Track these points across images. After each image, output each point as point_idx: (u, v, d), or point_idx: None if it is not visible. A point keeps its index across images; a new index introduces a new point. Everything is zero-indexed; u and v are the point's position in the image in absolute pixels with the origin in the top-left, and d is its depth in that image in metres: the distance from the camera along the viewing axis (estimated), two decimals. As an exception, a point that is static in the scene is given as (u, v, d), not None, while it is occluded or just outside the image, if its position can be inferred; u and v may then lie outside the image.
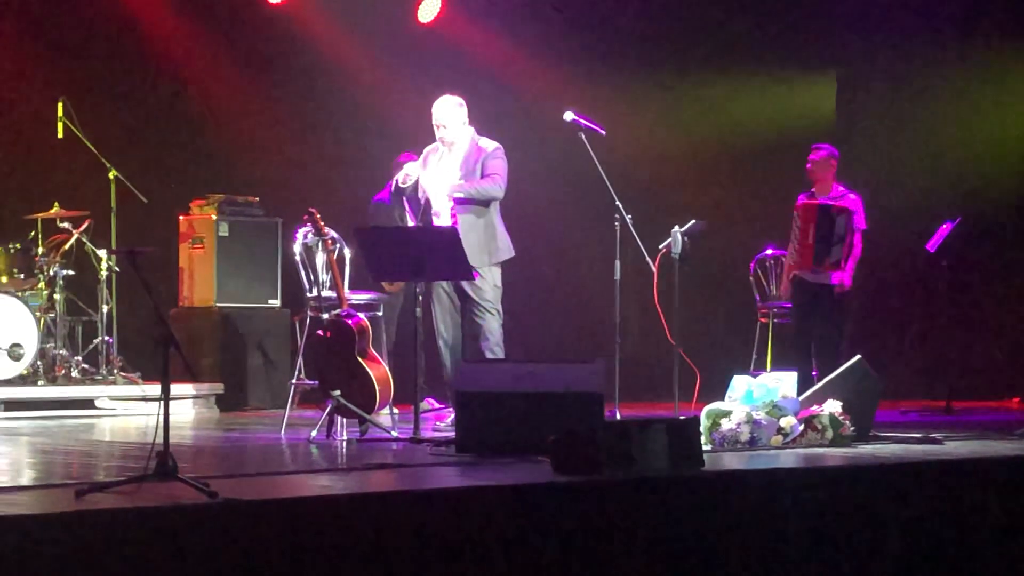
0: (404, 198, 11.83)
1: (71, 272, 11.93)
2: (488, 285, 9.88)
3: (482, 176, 9.92)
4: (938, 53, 14.51)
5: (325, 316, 9.51)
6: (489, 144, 10.06)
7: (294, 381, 10.12)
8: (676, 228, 10.06)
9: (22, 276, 11.79)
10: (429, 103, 10.19)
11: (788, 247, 11.54)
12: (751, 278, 12.68)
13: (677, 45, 14.80)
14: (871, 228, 11.53)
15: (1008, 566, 7.45)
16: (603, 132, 10.09)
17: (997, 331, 14.24)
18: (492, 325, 9.87)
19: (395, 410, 9.72)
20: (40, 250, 11.83)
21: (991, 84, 14.57)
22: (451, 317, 9.96)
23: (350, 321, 9.23)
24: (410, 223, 11.24)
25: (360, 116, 14.09)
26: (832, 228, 11.23)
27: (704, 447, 7.56)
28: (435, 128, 10.05)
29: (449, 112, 10.05)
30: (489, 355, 9.74)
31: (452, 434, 8.46)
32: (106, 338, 11.96)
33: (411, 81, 14.08)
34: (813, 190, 11.43)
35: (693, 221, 10.19)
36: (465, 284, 9.80)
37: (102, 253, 11.88)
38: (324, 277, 9.99)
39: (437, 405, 11.59)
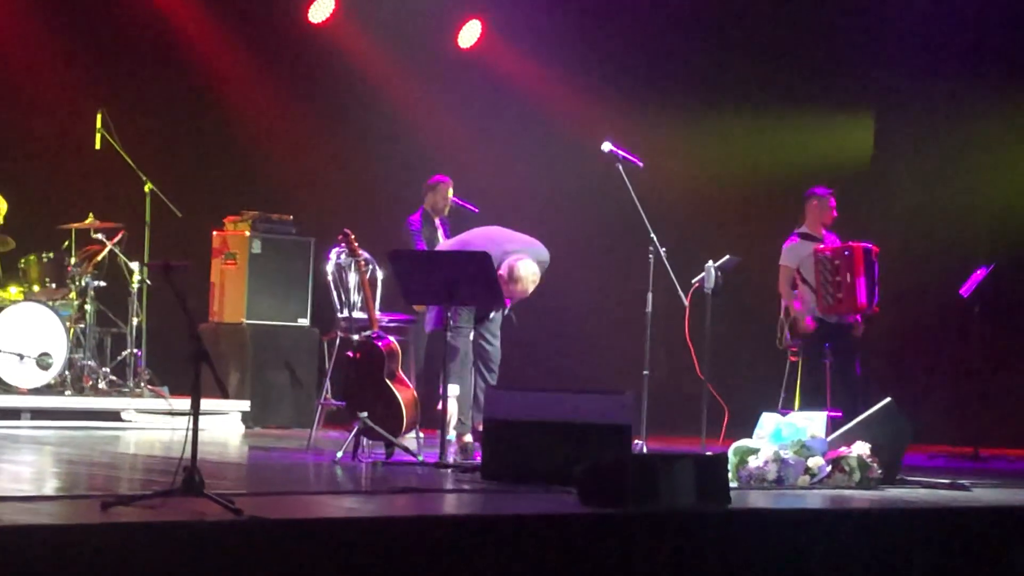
0: (438, 220, 11.87)
1: (103, 283, 11.96)
2: (499, 313, 9.90)
3: None
4: (977, 96, 14.47)
5: (355, 337, 9.51)
6: None
7: (321, 401, 10.11)
8: (710, 263, 10.04)
9: (54, 285, 11.82)
10: (466, 127, 10.19)
11: (797, 290, 11.47)
12: (781, 316, 12.62)
13: (717, 81, 14.81)
14: (905, 270, 11.49)
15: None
16: (640, 164, 10.08)
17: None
18: (498, 352, 9.91)
19: (421, 434, 9.70)
20: (73, 260, 11.86)
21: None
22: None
23: (380, 343, 9.22)
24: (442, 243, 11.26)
25: (397, 138, 14.12)
26: (873, 269, 11.24)
27: (731, 484, 7.52)
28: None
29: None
30: (492, 382, 9.75)
31: (478, 461, 8.45)
32: (135, 351, 11.98)
33: (449, 105, 14.12)
34: (806, 230, 11.41)
35: (727, 256, 10.17)
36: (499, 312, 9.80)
37: (134, 265, 11.91)
38: (356, 298, 9.99)
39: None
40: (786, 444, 8.36)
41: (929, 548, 7.21)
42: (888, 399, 9.02)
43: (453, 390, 9.44)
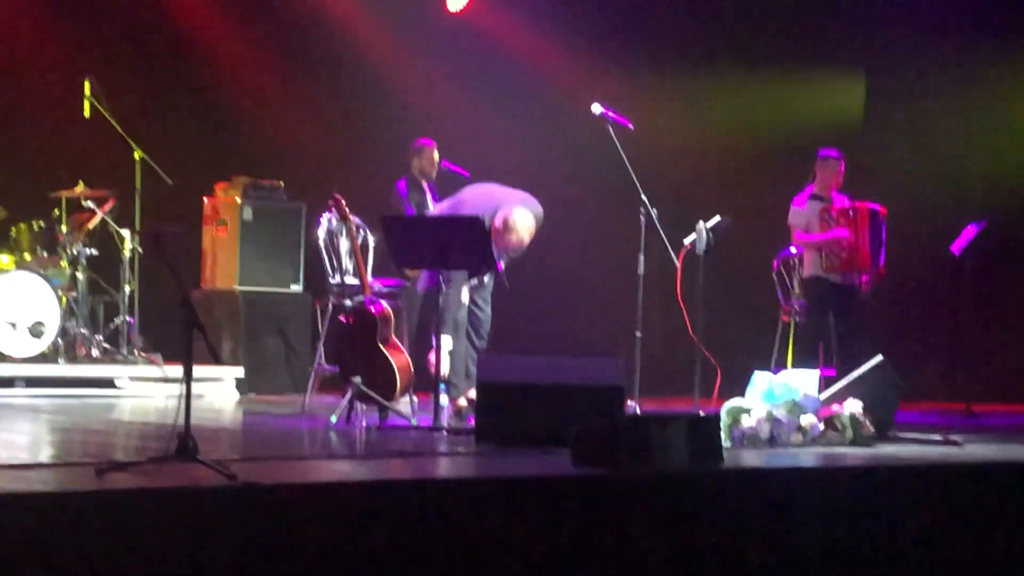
0: (426, 184, 11.88)
1: (94, 251, 11.94)
2: (491, 278, 9.89)
3: None
4: (968, 53, 14.46)
5: (348, 302, 9.51)
6: None
7: (315, 366, 10.12)
8: (701, 224, 10.04)
9: (45, 254, 11.80)
10: (456, 91, 10.16)
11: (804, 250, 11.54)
12: (774, 275, 12.65)
13: (707, 42, 14.77)
14: (897, 228, 11.51)
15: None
16: (631, 126, 10.07)
17: (1019, 334, 14.19)
18: (489, 318, 9.91)
19: (415, 398, 9.72)
20: (64, 229, 11.84)
21: (1019, 87, 14.52)
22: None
23: (373, 308, 9.23)
24: (431, 207, 11.26)
25: (388, 103, 14.08)
26: (880, 230, 11.31)
27: (724, 444, 7.54)
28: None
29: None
30: (482, 347, 9.76)
31: (472, 424, 8.47)
32: (127, 318, 11.98)
33: (439, 69, 14.08)
34: (816, 191, 11.45)
35: (719, 217, 10.18)
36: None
37: (125, 233, 11.89)
38: (348, 263, 9.99)
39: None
40: (779, 403, 8.39)
41: (922, 504, 7.24)
42: (880, 356, 9.05)
43: (446, 343, 9.38)
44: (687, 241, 10.04)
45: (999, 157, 14.41)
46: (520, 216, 9.63)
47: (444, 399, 9.21)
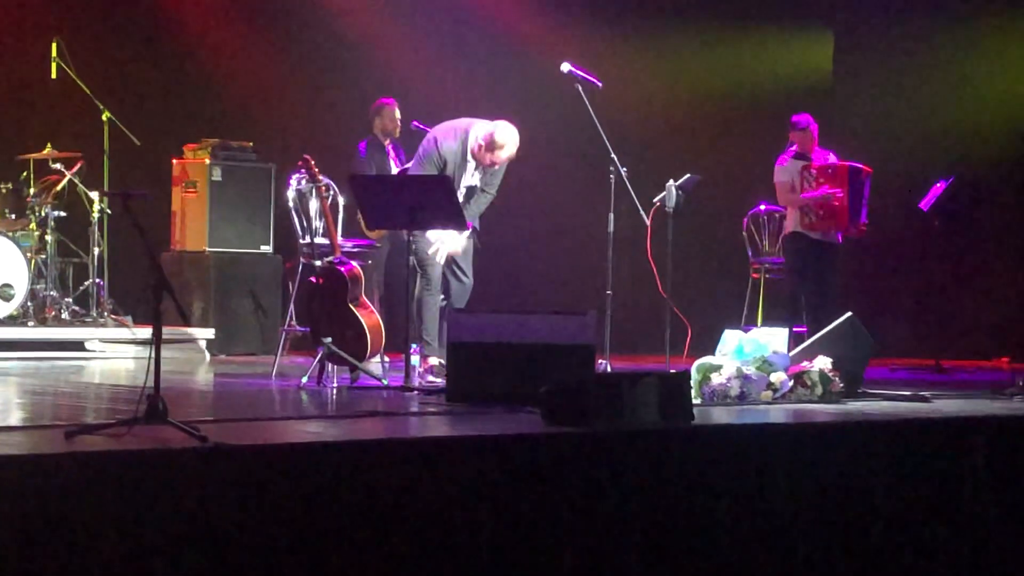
0: (389, 144, 11.86)
1: (63, 213, 11.90)
2: (470, 241, 9.85)
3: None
4: (935, 11, 14.48)
5: (318, 263, 9.49)
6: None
7: (285, 327, 10.11)
8: (671, 182, 10.06)
9: (13, 216, 11.75)
10: (425, 50, 10.12)
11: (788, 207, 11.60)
12: (744, 233, 12.68)
13: (676, 0, 14.77)
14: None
15: (993, 523, 7.47)
16: (600, 84, 10.05)
17: (988, 290, 14.26)
18: (469, 290, 9.88)
19: (386, 358, 9.71)
20: (32, 191, 11.80)
21: (987, 44, 14.55)
22: None
23: (343, 268, 9.21)
24: (393, 168, 11.25)
25: (356, 64, 14.04)
26: (862, 189, 11.36)
27: (694, 401, 7.57)
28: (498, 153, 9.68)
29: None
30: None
31: (443, 383, 8.47)
32: (97, 280, 11.94)
33: (407, 29, 14.03)
34: (799, 149, 11.48)
35: (688, 175, 10.19)
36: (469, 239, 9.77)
37: (94, 195, 11.85)
38: (317, 224, 9.97)
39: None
40: (748, 360, 8.41)
41: (891, 460, 7.28)
42: (849, 313, 9.08)
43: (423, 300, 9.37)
44: (657, 199, 10.05)
45: (966, 114, 14.44)
46: (503, 131, 9.56)
47: (415, 359, 9.21)
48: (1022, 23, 14.36)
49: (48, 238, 11.79)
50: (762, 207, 12.66)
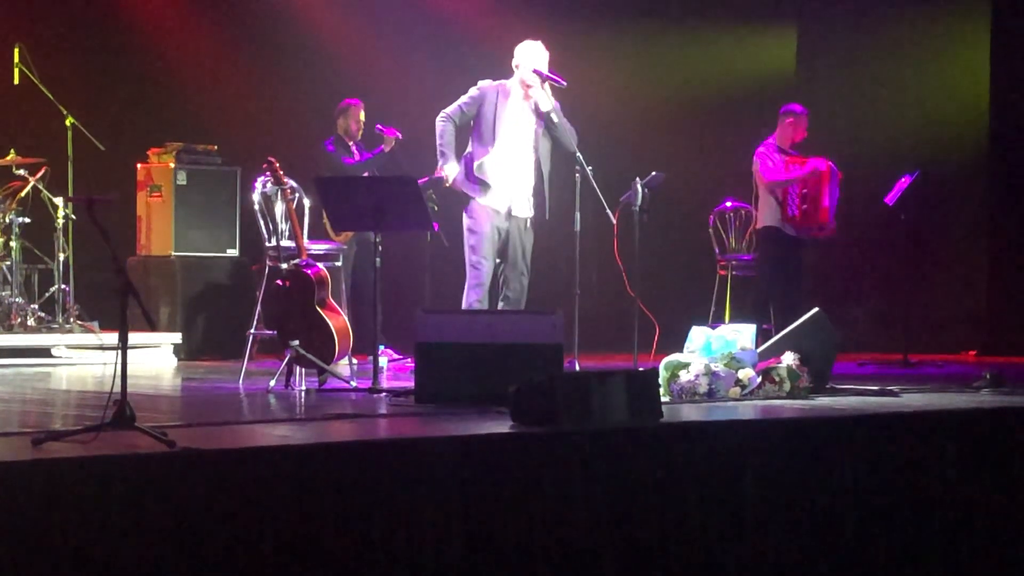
0: (353, 145, 11.90)
1: (27, 220, 11.83)
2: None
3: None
4: (898, 8, 14.53)
5: (284, 266, 9.48)
6: None
7: (252, 331, 10.09)
8: (637, 180, 10.07)
9: (-23, 224, 11.70)
10: (389, 52, 10.12)
11: (757, 199, 11.67)
12: (710, 230, 12.71)
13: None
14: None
15: (961, 516, 7.50)
16: (564, 83, 10.06)
17: (955, 284, 14.32)
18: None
19: (354, 360, 9.71)
20: (-5, 197, 11.75)
21: (951, 40, 14.61)
22: None
23: (309, 271, 9.20)
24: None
25: (320, 66, 14.02)
26: (835, 191, 11.50)
27: (663, 399, 7.57)
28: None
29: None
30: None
31: (411, 385, 8.47)
32: (63, 286, 11.89)
33: (371, 30, 14.01)
34: (777, 143, 11.54)
35: (654, 173, 10.21)
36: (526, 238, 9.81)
37: (59, 201, 11.80)
38: (283, 227, 9.95)
39: (396, 356, 11.59)
40: (716, 357, 8.42)
41: (860, 454, 7.30)
42: (816, 309, 9.10)
43: None
44: (623, 198, 10.07)
45: (931, 109, 14.51)
46: (523, 46, 10.02)
47: (383, 360, 9.20)
48: (985, 19, 14.42)
49: (13, 244, 11.73)
50: (728, 204, 12.69)
